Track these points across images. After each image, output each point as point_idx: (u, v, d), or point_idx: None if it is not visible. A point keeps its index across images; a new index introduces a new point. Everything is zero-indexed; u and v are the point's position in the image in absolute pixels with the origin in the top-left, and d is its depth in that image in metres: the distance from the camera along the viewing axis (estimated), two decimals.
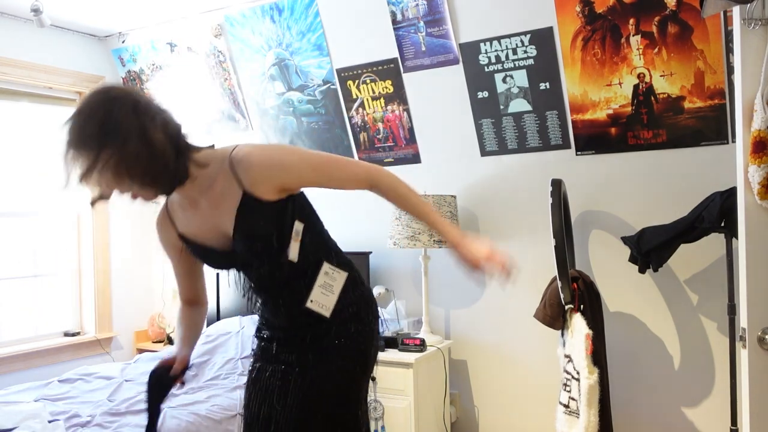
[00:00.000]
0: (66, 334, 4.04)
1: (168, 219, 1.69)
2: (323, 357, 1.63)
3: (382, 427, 3.00)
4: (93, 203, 1.54)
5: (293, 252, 1.58)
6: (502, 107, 3.11)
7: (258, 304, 1.75)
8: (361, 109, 3.49)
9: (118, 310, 4.27)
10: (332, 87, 3.51)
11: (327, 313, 1.62)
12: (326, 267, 1.64)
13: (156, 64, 4.09)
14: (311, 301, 1.61)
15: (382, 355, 3.05)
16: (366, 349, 1.68)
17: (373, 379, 3.02)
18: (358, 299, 1.69)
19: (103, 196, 1.50)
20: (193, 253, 1.68)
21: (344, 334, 1.65)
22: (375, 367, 1.73)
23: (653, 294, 2.87)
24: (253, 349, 1.78)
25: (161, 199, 1.62)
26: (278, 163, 1.54)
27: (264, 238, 1.55)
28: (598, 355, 2.49)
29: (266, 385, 1.67)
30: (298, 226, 1.58)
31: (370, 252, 3.50)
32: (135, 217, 4.41)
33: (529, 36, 2.93)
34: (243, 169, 1.51)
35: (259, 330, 1.78)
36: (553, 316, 2.63)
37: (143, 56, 4.11)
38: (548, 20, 2.87)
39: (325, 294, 1.63)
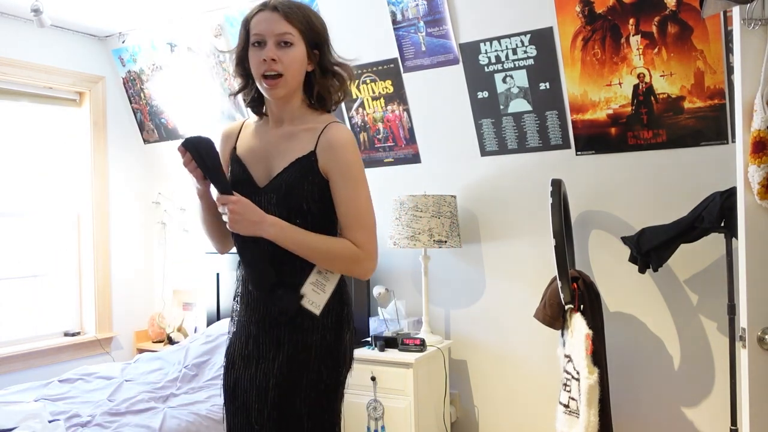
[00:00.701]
0: (66, 334, 4.04)
1: (235, 134, 1.80)
2: (308, 355, 1.63)
3: (382, 427, 3.00)
4: (234, 95, 1.78)
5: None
6: (502, 107, 3.11)
7: (240, 297, 1.74)
8: (361, 109, 3.49)
9: (118, 310, 4.27)
10: None
11: (317, 311, 1.63)
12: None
13: (156, 64, 4.09)
14: (301, 295, 1.61)
15: (382, 355, 3.06)
16: (347, 347, 1.70)
17: (373, 379, 3.03)
18: (340, 303, 1.70)
19: (245, 86, 1.73)
20: (231, 172, 1.73)
21: (329, 332, 1.66)
22: (352, 365, 1.75)
23: (653, 294, 2.88)
24: (226, 354, 1.76)
25: (286, 98, 1.69)
26: (345, 158, 1.64)
27: (299, 195, 1.62)
28: (598, 355, 2.49)
29: (246, 390, 1.67)
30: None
31: None
32: (135, 217, 4.42)
33: (529, 36, 2.93)
34: (326, 137, 1.65)
35: (235, 325, 1.76)
36: (553, 316, 2.64)
37: (143, 56, 4.11)
38: (548, 20, 2.87)
39: (316, 292, 1.63)
